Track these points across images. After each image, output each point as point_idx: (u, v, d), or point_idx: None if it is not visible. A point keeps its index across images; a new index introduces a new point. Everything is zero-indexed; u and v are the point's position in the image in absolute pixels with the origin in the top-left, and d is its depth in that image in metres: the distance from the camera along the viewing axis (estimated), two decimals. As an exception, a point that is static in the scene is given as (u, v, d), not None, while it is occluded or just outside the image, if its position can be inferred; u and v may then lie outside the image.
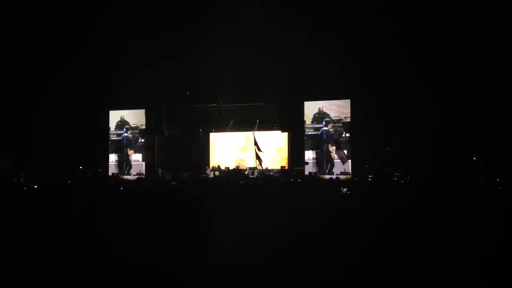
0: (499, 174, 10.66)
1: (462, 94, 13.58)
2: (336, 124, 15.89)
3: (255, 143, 17.14)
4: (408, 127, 14.66)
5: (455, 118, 13.95)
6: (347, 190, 8.11)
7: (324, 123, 15.99)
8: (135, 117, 18.30)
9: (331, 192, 7.28)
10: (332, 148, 15.63)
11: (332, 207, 5.48)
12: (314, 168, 15.92)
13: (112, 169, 18.16)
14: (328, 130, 15.86)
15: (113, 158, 18.26)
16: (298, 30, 14.39)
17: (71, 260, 3.97)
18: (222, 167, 17.94)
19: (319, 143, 15.99)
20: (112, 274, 3.69)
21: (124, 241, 4.11)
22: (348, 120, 15.68)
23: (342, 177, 14.37)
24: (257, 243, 4.05)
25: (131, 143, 18.12)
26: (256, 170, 16.98)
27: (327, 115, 15.99)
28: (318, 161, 15.93)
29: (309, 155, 16.13)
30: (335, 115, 15.90)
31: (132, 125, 18.24)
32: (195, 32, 15.04)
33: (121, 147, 18.16)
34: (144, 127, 18.09)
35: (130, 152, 18.09)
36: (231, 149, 19.51)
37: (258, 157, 17.04)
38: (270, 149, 18.91)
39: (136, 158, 18.08)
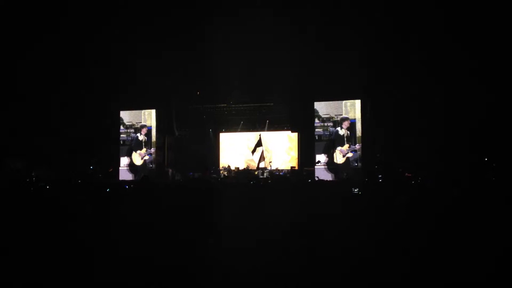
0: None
1: (475, 93, 13.34)
2: (326, 124, 15.69)
3: (260, 144, 17.23)
4: (418, 127, 14.44)
5: (467, 119, 13.72)
6: (358, 190, 8.04)
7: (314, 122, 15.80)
8: (130, 116, 17.95)
9: (340, 195, 7.22)
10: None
11: (340, 209, 5.43)
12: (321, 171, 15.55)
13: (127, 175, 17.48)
14: (337, 130, 15.55)
15: (125, 161, 17.81)
16: (309, 30, 14.29)
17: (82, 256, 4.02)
18: (232, 167, 17.97)
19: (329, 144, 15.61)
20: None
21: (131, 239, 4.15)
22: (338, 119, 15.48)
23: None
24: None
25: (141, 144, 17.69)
26: (266, 171, 16.99)
27: (316, 112, 15.81)
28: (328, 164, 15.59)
29: (318, 157, 15.78)
30: (325, 114, 15.71)
31: (127, 123, 17.93)
32: (205, 32, 15.03)
33: (131, 150, 17.70)
34: (138, 125, 17.74)
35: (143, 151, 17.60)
36: (241, 150, 19.52)
37: (262, 156, 17.18)
38: (280, 149, 18.88)
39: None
